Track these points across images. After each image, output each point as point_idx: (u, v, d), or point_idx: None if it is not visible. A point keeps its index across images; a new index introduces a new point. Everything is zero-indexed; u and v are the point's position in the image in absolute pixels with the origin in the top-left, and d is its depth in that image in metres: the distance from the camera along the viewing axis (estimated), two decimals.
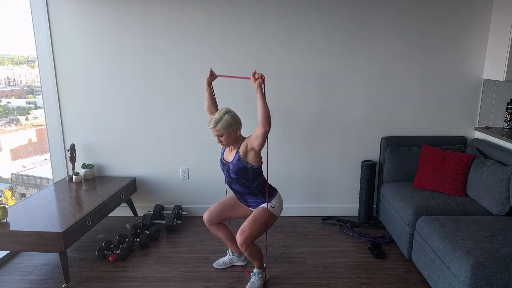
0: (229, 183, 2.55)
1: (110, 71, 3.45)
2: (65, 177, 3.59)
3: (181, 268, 2.85)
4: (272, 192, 2.54)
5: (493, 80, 3.38)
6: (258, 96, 2.25)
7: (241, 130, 2.46)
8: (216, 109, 2.65)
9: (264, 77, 2.26)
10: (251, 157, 2.37)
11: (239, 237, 2.37)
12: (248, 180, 2.43)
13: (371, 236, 3.27)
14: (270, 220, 2.48)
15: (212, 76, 2.64)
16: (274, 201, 2.51)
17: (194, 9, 3.31)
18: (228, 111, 2.39)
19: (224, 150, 2.57)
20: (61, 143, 3.61)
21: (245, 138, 2.46)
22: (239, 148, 2.41)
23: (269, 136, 3.51)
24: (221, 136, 2.37)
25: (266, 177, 2.57)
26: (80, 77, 3.47)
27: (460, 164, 3.04)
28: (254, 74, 2.29)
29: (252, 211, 2.56)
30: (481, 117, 3.49)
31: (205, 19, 3.33)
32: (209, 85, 2.65)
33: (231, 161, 2.43)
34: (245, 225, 2.40)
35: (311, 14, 3.30)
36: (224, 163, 2.51)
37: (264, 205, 2.50)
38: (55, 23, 3.36)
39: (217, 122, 2.34)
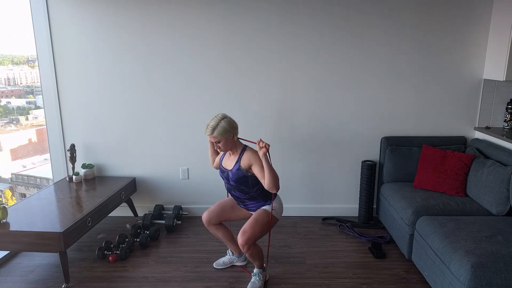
0: (229, 189, 2.56)
1: (110, 71, 3.45)
2: (65, 177, 3.59)
3: (181, 268, 2.85)
4: (271, 195, 2.54)
5: (493, 80, 3.38)
6: (264, 165, 2.25)
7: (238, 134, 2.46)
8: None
9: (269, 146, 2.26)
10: (251, 171, 2.40)
11: (240, 238, 2.37)
12: (248, 187, 2.44)
13: (371, 236, 3.27)
14: (271, 222, 2.48)
15: None
16: (274, 203, 2.51)
17: (195, 10, 3.31)
18: (224, 117, 2.37)
19: (223, 158, 2.56)
20: (61, 143, 3.61)
21: (246, 146, 2.46)
22: (240, 159, 2.41)
23: (269, 136, 3.53)
24: (219, 143, 2.37)
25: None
26: (80, 77, 3.47)
27: (460, 164, 3.04)
28: (259, 143, 2.28)
29: (252, 213, 2.56)
30: (481, 117, 3.49)
31: (206, 19, 3.33)
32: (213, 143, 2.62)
33: (231, 169, 2.43)
34: (246, 226, 2.39)
35: (312, 14, 3.30)
36: (223, 171, 2.51)
37: (265, 207, 2.50)
38: (55, 23, 3.36)
39: (213, 129, 2.34)
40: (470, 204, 2.84)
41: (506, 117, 3.39)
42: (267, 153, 2.27)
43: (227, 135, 2.35)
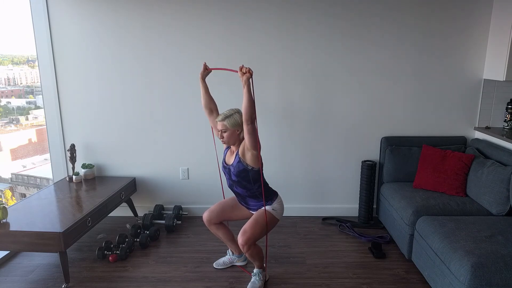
0: (231, 186, 2.55)
1: (110, 71, 3.45)
2: (65, 177, 3.59)
3: (181, 268, 2.85)
4: (272, 195, 2.54)
5: (493, 80, 3.38)
6: (245, 90, 2.19)
7: None
8: (215, 106, 2.62)
9: (252, 72, 2.22)
10: (249, 158, 2.37)
11: (240, 238, 2.37)
12: (249, 182, 2.43)
13: (371, 236, 3.27)
14: (271, 223, 2.48)
15: (206, 70, 2.58)
16: (275, 204, 2.51)
17: (195, 10, 3.31)
18: (239, 111, 2.42)
19: (226, 154, 2.57)
20: (61, 143, 3.61)
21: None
22: (238, 151, 2.42)
23: (269, 136, 3.52)
24: (225, 132, 2.38)
25: (262, 178, 2.57)
26: (80, 77, 3.47)
27: (460, 164, 3.04)
28: (241, 68, 2.24)
29: (253, 214, 2.56)
30: (481, 117, 3.49)
31: (206, 20, 3.33)
32: (204, 80, 2.59)
33: (232, 163, 2.44)
34: (246, 226, 2.40)
35: (311, 14, 3.30)
36: (225, 166, 2.51)
37: (265, 207, 2.50)
38: (55, 23, 3.36)
39: (226, 117, 2.37)
40: (470, 204, 2.84)
41: (506, 117, 3.39)
42: (251, 79, 2.21)
43: (235, 127, 2.38)
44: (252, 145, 2.29)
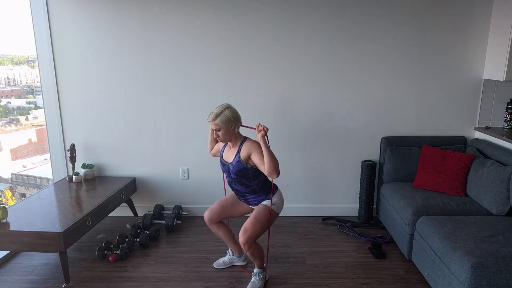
0: (230, 183, 2.55)
1: (110, 71, 3.45)
2: (65, 177, 3.59)
3: (181, 268, 2.85)
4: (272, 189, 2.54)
5: (493, 80, 3.39)
6: (263, 148, 2.27)
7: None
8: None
9: (267, 129, 2.28)
10: (252, 162, 2.40)
11: (241, 237, 2.37)
12: (249, 180, 2.44)
13: (371, 236, 3.27)
14: (271, 218, 2.49)
15: None
16: (274, 198, 2.51)
17: (195, 10, 3.31)
18: (229, 107, 2.40)
19: (223, 151, 2.57)
20: (61, 143, 3.61)
21: (246, 138, 2.46)
22: (239, 151, 2.41)
23: (269, 135, 3.52)
24: (219, 131, 2.38)
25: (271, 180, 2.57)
26: (80, 77, 3.47)
27: (460, 164, 3.04)
28: (258, 126, 2.31)
29: (253, 209, 2.56)
30: (481, 117, 3.49)
31: (206, 19, 3.33)
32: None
33: (231, 162, 2.44)
34: (247, 224, 2.40)
35: (311, 14, 3.30)
36: (224, 163, 2.51)
37: (265, 202, 2.50)
38: (55, 23, 3.36)
39: (216, 115, 2.35)
40: (470, 204, 2.84)
41: (506, 117, 3.39)
42: (266, 136, 2.28)
43: (229, 124, 2.37)
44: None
